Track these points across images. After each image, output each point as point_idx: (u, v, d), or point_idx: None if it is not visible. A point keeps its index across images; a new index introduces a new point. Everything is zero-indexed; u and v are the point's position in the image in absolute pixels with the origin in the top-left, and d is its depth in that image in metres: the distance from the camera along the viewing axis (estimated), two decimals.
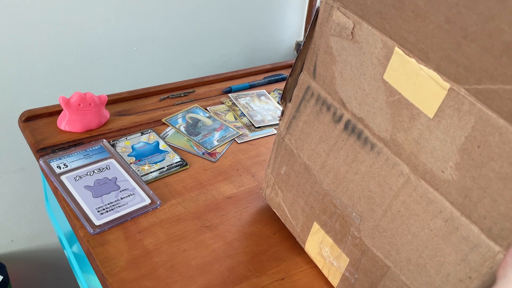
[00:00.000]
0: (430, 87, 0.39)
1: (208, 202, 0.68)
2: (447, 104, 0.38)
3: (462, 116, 0.37)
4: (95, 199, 0.64)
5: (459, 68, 0.36)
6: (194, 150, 0.77)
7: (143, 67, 1.02)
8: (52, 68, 0.91)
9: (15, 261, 1.13)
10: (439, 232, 0.42)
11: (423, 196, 0.43)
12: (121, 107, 0.84)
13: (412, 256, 0.45)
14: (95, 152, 0.72)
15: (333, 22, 0.48)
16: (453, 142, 0.39)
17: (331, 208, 0.54)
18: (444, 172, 0.40)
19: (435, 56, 0.38)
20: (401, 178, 0.45)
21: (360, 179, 0.49)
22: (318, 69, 0.52)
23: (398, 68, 0.42)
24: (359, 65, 0.46)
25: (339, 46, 0.48)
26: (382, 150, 0.46)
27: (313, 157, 0.55)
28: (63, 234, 0.83)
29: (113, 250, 0.59)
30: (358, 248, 0.51)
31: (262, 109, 0.90)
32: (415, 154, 0.42)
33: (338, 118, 0.51)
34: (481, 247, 0.39)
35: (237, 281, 0.57)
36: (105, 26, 0.92)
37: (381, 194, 0.47)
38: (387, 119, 0.44)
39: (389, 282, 0.48)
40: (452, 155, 0.39)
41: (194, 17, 1.02)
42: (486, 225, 0.38)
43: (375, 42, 0.43)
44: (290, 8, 1.16)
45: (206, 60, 1.11)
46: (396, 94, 0.43)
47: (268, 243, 0.63)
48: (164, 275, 0.57)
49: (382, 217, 0.47)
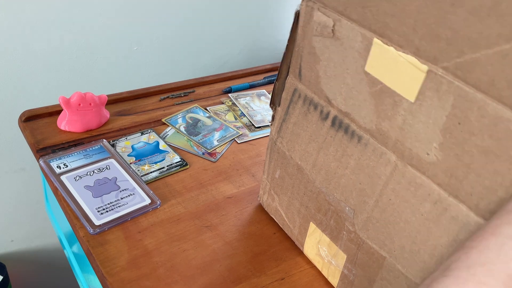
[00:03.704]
0: (410, 71, 0.40)
1: (208, 202, 0.68)
2: (427, 86, 0.39)
3: (442, 96, 0.38)
4: (95, 199, 0.64)
5: (441, 43, 0.36)
6: (194, 150, 0.77)
7: (143, 67, 1.02)
8: (52, 68, 0.91)
9: (15, 261, 1.13)
10: (429, 215, 0.42)
11: (411, 181, 0.43)
12: (121, 107, 0.84)
13: (405, 243, 0.45)
14: (95, 152, 0.72)
15: (315, 22, 0.48)
16: (435, 123, 0.39)
17: (325, 206, 0.54)
18: (429, 154, 0.40)
19: (416, 36, 0.38)
20: (388, 166, 0.45)
21: (351, 172, 0.49)
22: (303, 70, 0.53)
23: (378, 58, 0.42)
24: (342, 60, 0.46)
25: (322, 45, 0.48)
26: (369, 141, 0.46)
27: (304, 157, 0.55)
28: (63, 234, 0.83)
29: (113, 250, 0.59)
30: (353, 242, 0.51)
31: (262, 109, 0.90)
32: (401, 140, 0.43)
33: (325, 115, 0.51)
34: (471, 225, 0.39)
35: (237, 281, 0.57)
36: (105, 26, 0.92)
37: (371, 185, 0.47)
38: (372, 109, 0.45)
39: (386, 273, 0.48)
40: (435, 136, 0.39)
41: (194, 17, 1.02)
42: (473, 202, 0.38)
43: (355, 36, 0.44)
44: (290, 8, 1.16)
45: (206, 60, 1.11)
46: (378, 84, 0.43)
47: (268, 243, 0.63)
48: (164, 275, 0.57)
49: (374, 208, 0.47)
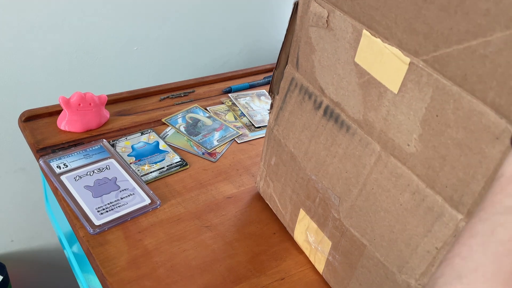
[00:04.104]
0: (394, 63, 0.40)
1: (208, 202, 0.68)
2: (409, 78, 0.39)
3: (422, 88, 0.38)
4: (95, 199, 0.64)
5: (419, 37, 0.37)
6: (194, 150, 0.77)
7: (143, 67, 1.02)
8: (52, 68, 0.91)
9: (15, 261, 1.13)
10: (408, 205, 0.43)
11: (393, 171, 0.44)
12: (121, 107, 0.84)
13: (384, 232, 0.46)
14: (95, 152, 0.72)
15: (311, 12, 0.50)
16: (416, 115, 0.40)
17: (314, 193, 0.55)
18: (409, 146, 0.41)
19: (398, 30, 0.39)
20: (373, 156, 0.46)
21: (338, 161, 0.50)
22: (300, 60, 0.54)
23: (367, 50, 0.43)
24: (334, 51, 0.47)
25: (317, 35, 0.50)
26: (356, 131, 0.47)
27: (297, 145, 0.56)
28: (63, 234, 0.83)
29: (113, 250, 0.59)
30: (338, 230, 0.52)
31: (262, 109, 0.90)
32: (384, 131, 0.43)
33: (318, 105, 0.52)
34: (445, 216, 0.39)
35: (237, 281, 0.57)
36: (105, 26, 0.92)
37: (356, 174, 0.48)
38: (359, 100, 0.46)
39: (366, 261, 0.49)
40: (415, 128, 0.40)
41: (194, 17, 1.02)
42: (448, 194, 0.39)
43: (347, 27, 0.45)
44: (290, 8, 1.15)
45: (206, 60, 1.11)
46: (366, 75, 0.44)
47: (268, 243, 0.63)
48: (164, 275, 0.57)
49: (358, 196, 0.48)
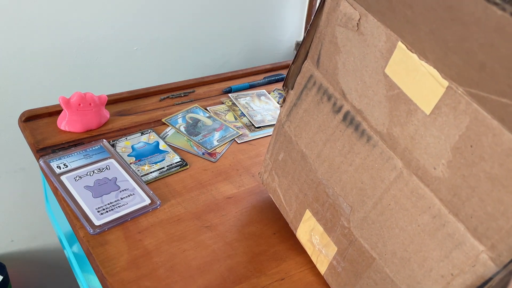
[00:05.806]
0: (429, 83, 0.39)
1: (208, 202, 0.68)
2: (444, 102, 0.38)
3: (458, 115, 0.38)
4: (95, 199, 0.64)
5: (452, 72, 0.37)
6: (194, 150, 0.77)
7: (143, 67, 1.02)
8: (52, 68, 0.91)
9: (15, 261, 1.13)
10: (426, 227, 0.42)
11: (414, 191, 0.43)
12: (121, 107, 0.84)
13: (397, 250, 0.45)
14: (95, 152, 0.72)
15: (340, 12, 0.48)
16: (447, 140, 0.39)
17: (324, 197, 0.54)
18: (436, 169, 0.40)
19: (431, 56, 0.39)
20: (393, 172, 0.45)
21: (354, 170, 0.49)
22: (322, 58, 0.52)
23: (400, 63, 0.42)
24: (362, 57, 0.46)
25: (344, 36, 0.48)
26: (378, 144, 0.46)
27: (310, 145, 0.55)
28: (63, 234, 0.83)
29: (113, 250, 0.59)
30: (346, 238, 0.52)
31: (262, 109, 0.90)
32: (410, 149, 0.43)
33: (337, 108, 0.51)
34: (466, 245, 0.39)
35: (237, 281, 0.57)
36: (105, 26, 0.92)
37: (373, 186, 0.47)
38: (385, 112, 0.45)
39: (373, 273, 0.49)
40: (445, 153, 0.39)
41: (194, 17, 1.02)
42: (472, 224, 0.38)
43: (379, 35, 0.44)
44: (290, 8, 1.16)
45: (206, 60, 1.11)
46: (396, 89, 0.43)
47: (268, 243, 0.63)
48: (164, 275, 0.57)
49: (372, 209, 0.48)
